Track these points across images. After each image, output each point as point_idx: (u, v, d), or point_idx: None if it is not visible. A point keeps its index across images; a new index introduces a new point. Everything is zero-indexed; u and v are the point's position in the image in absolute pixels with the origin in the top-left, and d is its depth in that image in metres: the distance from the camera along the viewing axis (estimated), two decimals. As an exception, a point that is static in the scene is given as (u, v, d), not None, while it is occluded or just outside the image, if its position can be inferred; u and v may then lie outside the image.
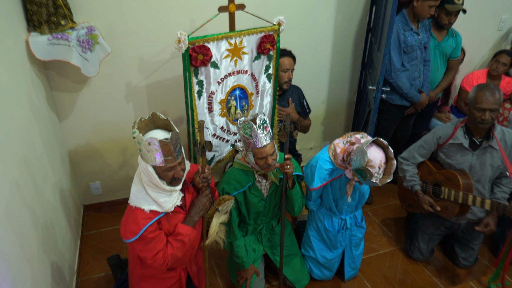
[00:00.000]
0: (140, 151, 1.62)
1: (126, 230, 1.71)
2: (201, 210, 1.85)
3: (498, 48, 3.73)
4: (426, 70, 3.04)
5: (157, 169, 1.64)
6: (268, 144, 1.95)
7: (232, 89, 2.43)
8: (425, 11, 2.72)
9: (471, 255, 2.62)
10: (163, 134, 1.64)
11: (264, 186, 2.20)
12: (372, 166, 1.88)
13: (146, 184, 1.70)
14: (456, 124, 2.41)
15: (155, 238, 1.73)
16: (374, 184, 1.92)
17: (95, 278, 2.54)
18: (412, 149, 2.55)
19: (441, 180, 2.45)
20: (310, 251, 2.47)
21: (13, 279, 1.51)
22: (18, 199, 1.70)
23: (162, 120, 1.68)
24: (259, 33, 2.32)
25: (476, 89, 2.25)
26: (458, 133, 2.36)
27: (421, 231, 2.67)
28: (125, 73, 2.70)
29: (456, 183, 2.36)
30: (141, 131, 1.64)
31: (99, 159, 2.95)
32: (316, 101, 3.41)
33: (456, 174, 2.36)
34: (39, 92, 2.29)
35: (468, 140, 2.34)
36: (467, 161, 2.37)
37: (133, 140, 1.62)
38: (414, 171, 2.53)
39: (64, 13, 2.22)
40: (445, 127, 2.44)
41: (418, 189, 2.49)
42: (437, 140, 2.44)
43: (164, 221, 1.78)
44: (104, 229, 2.95)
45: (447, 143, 2.41)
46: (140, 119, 1.64)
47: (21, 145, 1.85)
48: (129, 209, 1.74)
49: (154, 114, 1.66)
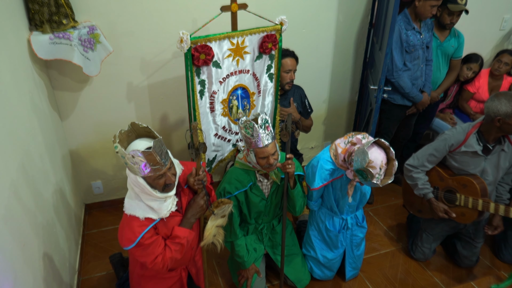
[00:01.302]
0: (126, 164, 1.59)
1: (123, 238, 1.71)
2: (197, 212, 1.83)
3: (500, 48, 3.72)
4: (428, 69, 3.03)
5: (147, 179, 1.62)
6: (270, 143, 1.95)
7: (234, 89, 2.43)
8: (426, 11, 2.71)
9: (473, 254, 2.61)
10: (145, 143, 1.60)
11: (265, 186, 2.20)
12: (373, 167, 1.88)
13: (139, 194, 1.69)
14: (468, 129, 2.33)
15: (152, 244, 1.73)
16: (375, 185, 1.92)
17: (97, 277, 2.54)
18: (422, 157, 2.44)
19: (455, 186, 2.40)
20: (311, 251, 2.47)
21: (15, 278, 1.52)
22: (19, 198, 1.70)
23: (143, 128, 1.63)
24: (261, 33, 2.32)
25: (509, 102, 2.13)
26: (471, 140, 2.30)
27: (425, 232, 2.66)
28: (126, 72, 2.70)
29: (473, 190, 2.33)
30: (123, 143, 1.60)
31: (101, 158, 2.95)
32: (318, 100, 3.41)
33: (472, 181, 2.32)
34: (40, 91, 2.29)
35: (482, 147, 2.30)
36: (480, 166, 2.34)
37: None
38: (425, 178, 2.46)
39: (66, 12, 2.23)
40: (457, 133, 2.36)
41: (432, 197, 2.44)
42: (449, 147, 2.37)
43: (160, 226, 1.77)
44: (105, 228, 2.96)
45: (459, 150, 2.35)
46: (120, 131, 1.59)
47: (23, 144, 1.85)
48: (124, 216, 1.73)
49: (133, 123, 1.62)
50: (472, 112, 3.55)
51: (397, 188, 3.46)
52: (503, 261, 2.71)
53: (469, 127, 2.34)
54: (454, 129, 2.40)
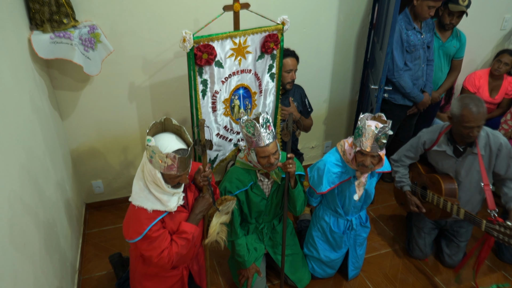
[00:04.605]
0: (151, 157, 1.58)
1: (129, 231, 1.70)
2: (205, 208, 1.85)
3: (501, 48, 3.72)
4: (429, 69, 3.03)
5: (165, 175, 1.64)
6: (271, 143, 1.95)
7: (236, 88, 2.43)
8: (424, 11, 2.71)
9: (456, 252, 2.62)
10: (175, 142, 1.62)
11: (266, 185, 2.20)
12: (369, 125, 1.98)
13: (149, 182, 1.69)
14: (441, 130, 2.38)
15: (159, 237, 1.73)
16: (364, 146, 1.98)
17: (97, 276, 2.54)
18: (401, 152, 2.60)
19: (427, 183, 2.49)
20: (314, 251, 2.47)
21: (15, 278, 1.52)
22: (20, 197, 1.69)
23: (174, 126, 1.66)
24: (263, 32, 2.32)
25: (461, 105, 2.16)
26: (442, 140, 2.36)
27: (415, 226, 2.70)
28: (127, 72, 2.69)
29: (439, 188, 2.39)
30: (152, 134, 1.63)
31: (101, 158, 2.95)
32: (318, 100, 3.41)
33: (439, 180, 2.38)
34: (41, 90, 2.28)
35: (452, 148, 2.34)
36: (452, 167, 2.38)
37: (135, 141, 1.59)
38: (403, 172, 2.59)
39: (66, 11, 2.22)
40: (430, 132, 2.43)
41: (407, 189, 2.55)
42: (422, 145, 2.45)
43: (167, 220, 1.78)
44: (106, 227, 2.95)
45: (433, 149, 2.41)
46: (153, 123, 1.61)
47: (23, 144, 1.85)
48: (131, 208, 1.73)
49: (166, 119, 1.65)
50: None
51: (397, 188, 3.48)
52: (503, 261, 2.72)
53: (443, 127, 2.39)
54: (431, 127, 2.48)
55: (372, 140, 1.95)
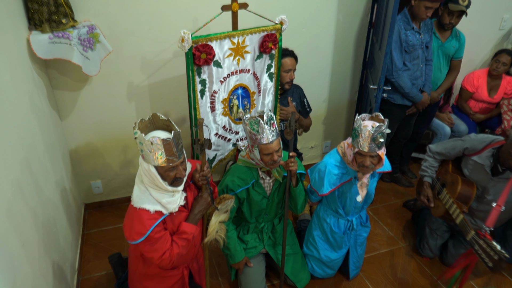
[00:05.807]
0: (141, 152, 1.61)
1: (132, 232, 1.69)
2: (204, 208, 1.86)
3: (500, 48, 3.72)
4: (428, 69, 3.03)
5: (159, 170, 1.64)
6: (275, 140, 1.97)
7: (235, 88, 2.43)
8: (421, 12, 2.71)
9: (460, 254, 2.61)
10: (164, 134, 1.64)
11: (267, 184, 2.21)
12: (365, 125, 1.98)
13: (148, 186, 1.69)
14: (490, 143, 2.29)
15: (161, 238, 1.73)
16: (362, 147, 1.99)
17: (96, 277, 2.54)
18: (440, 146, 2.53)
19: (448, 181, 2.46)
20: (314, 251, 2.47)
21: (15, 278, 1.51)
22: (19, 197, 1.69)
23: (163, 121, 1.67)
24: (261, 32, 2.32)
25: None
26: (486, 153, 2.29)
27: (428, 226, 2.69)
28: (126, 72, 2.69)
29: (454, 189, 2.36)
30: (142, 132, 1.63)
31: (100, 158, 2.95)
32: (317, 100, 3.41)
33: (459, 181, 2.34)
34: (40, 90, 2.28)
35: (492, 165, 2.27)
36: (483, 182, 2.33)
37: (135, 140, 1.61)
38: (432, 163, 2.56)
39: (65, 11, 2.22)
40: (476, 141, 2.34)
41: (427, 180, 2.53)
42: (463, 150, 2.40)
43: (168, 221, 1.78)
44: (105, 227, 2.95)
45: (472, 158, 2.36)
46: (140, 120, 1.63)
47: (22, 144, 1.85)
48: (132, 210, 1.72)
49: (154, 115, 1.66)
50: (472, 112, 3.56)
51: (397, 188, 3.48)
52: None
53: (493, 141, 2.29)
54: (480, 135, 2.38)
55: (369, 140, 1.95)
